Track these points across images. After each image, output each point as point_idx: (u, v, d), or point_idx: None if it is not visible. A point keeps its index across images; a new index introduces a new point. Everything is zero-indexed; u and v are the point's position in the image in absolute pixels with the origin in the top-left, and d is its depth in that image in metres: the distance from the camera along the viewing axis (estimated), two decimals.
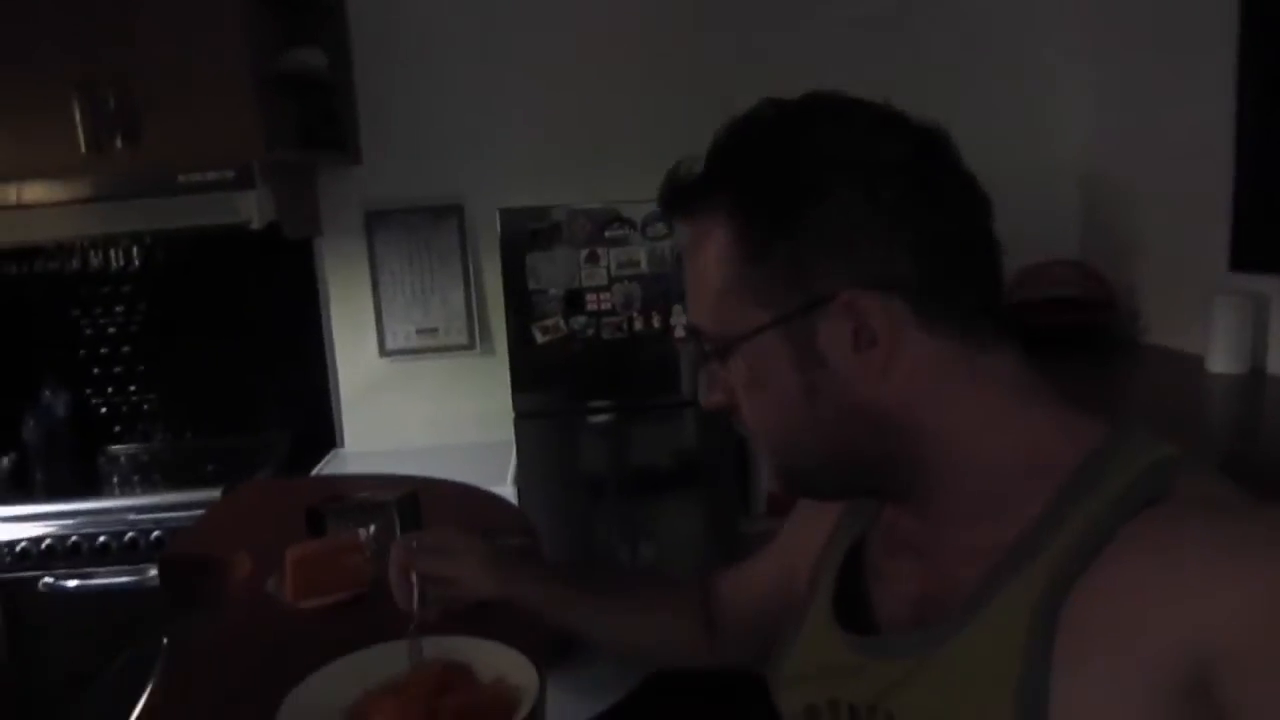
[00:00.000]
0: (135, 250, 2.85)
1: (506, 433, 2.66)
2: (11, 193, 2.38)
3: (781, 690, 0.80)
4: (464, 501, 1.73)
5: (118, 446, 2.98)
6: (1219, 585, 0.51)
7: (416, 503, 1.51)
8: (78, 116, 2.32)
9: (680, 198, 0.71)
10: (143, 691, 1.10)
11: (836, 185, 0.64)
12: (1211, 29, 2.08)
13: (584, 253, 2.53)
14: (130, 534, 2.44)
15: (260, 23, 2.44)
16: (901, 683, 0.66)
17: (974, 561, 0.64)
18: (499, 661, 1.05)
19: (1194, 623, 0.51)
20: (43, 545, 2.42)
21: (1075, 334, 2.44)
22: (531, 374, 2.59)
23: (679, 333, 2.56)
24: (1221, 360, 2.03)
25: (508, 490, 2.53)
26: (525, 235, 2.53)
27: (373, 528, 1.43)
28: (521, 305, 2.56)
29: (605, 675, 2.23)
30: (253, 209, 2.40)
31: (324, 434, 3.00)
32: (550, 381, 2.60)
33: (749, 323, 0.67)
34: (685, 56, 2.77)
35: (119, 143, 2.33)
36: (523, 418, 2.60)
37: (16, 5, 2.33)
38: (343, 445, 3.03)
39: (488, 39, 2.80)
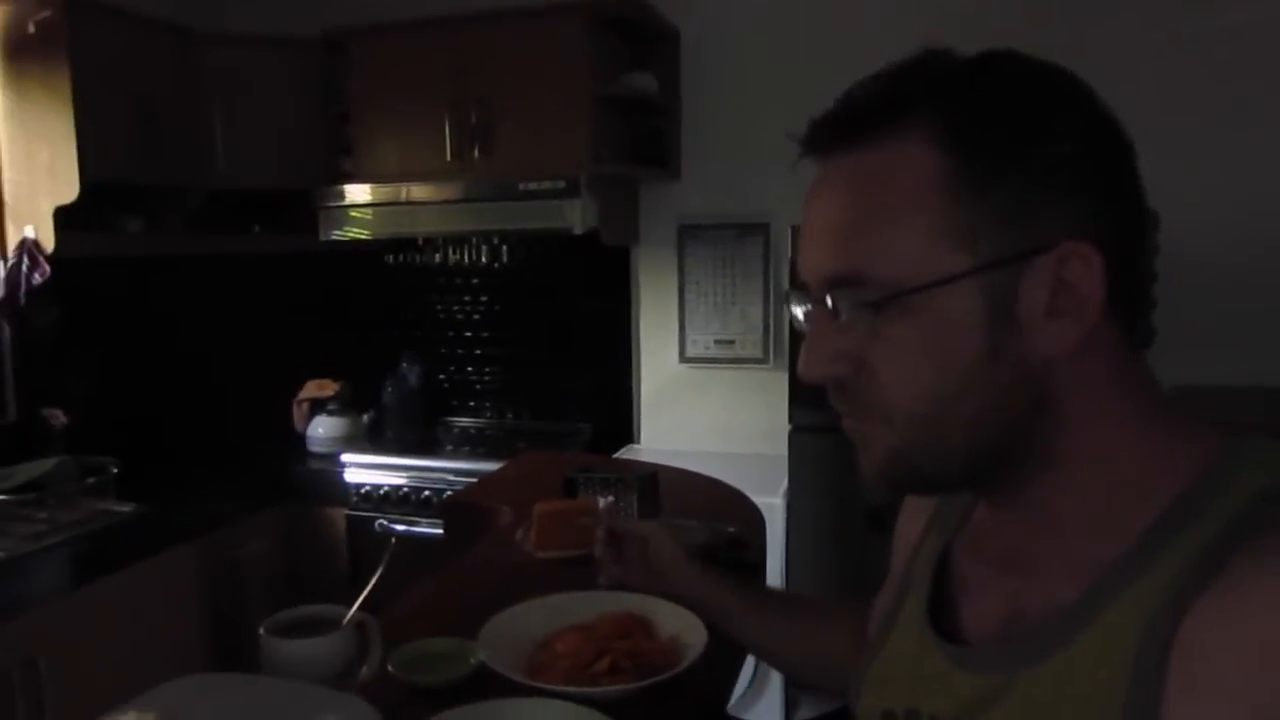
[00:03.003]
0: (485, 249, 3.28)
1: (785, 448, 2.71)
2: (402, 191, 2.86)
3: (862, 692, 0.78)
4: (703, 490, 1.82)
5: (454, 418, 3.43)
6: None
7: (656, 483, 1.63)
8: (447, 129, 2.75)
9: (862, 120, 0.62)
10: None
11: (1056, 132, 0.59)
12: None
13: None
14: (448, 491, 2.81)
15: (601, 49, 2.73)
16: (989, 700, 0.63)
17: (1075, 578, 0.60)
18: (678, 622, 1.14)
19: None
20: (381, 491, 2.86)
21: None
22: (809, 389, 2.60)
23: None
24: None
25: (777, 502, 2.58)
26: None
27: (611, 496, 1.57)
28: None
29: None
30: (576, 216, 2.68)
31: (623, 429, 3.24)
32: (827, 398, 2.60)
33: (943, 268, 0.59)
34: None
35: (476, 153, 2.73)
36: (798, 431, 2.64)
37: (403, 31, 2.83)
38: (638, 442, 3.25)
39: (799, 66, 2.88)
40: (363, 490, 2.88)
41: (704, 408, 3.14)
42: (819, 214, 0.64)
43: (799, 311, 0.69)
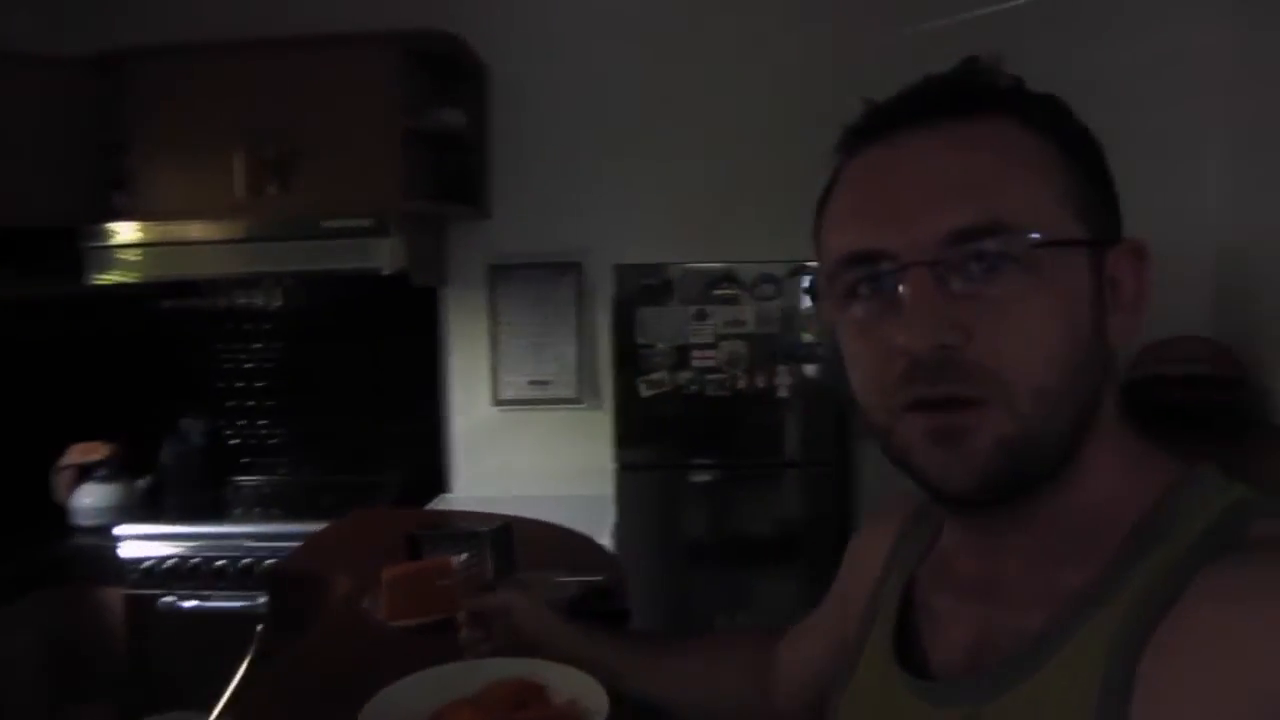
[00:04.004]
0: (277, 291, 3.04)
1: (607, 488, 2.70)
2: (176, 229, 2.60)
3: None
4: (556, 540, 1.76)
5: (244, 477, 3.14)
6: None
7: (510, 536, 1.55)
8: (238, 161, 2.53)
9: (959, 97, 0.62)
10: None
11: (1098, 151, 0.64)
12: None
13: (693, 310, 2.57)
14: (245, 560, 2.56)
15: (409, 84, 2.62)
16: None
17: (1038, 609, 0.60)
18: (573, 685, 1.06)
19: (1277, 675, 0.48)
20: (166, 565, 2.56)
21: (1204, 412, 2.32)
22: (636, 428, 2.62)
23: (783, 392, 2.55)
24: None
25: (606, 543, 2.54)
26: (638, 291, 2.59)
27: (465, 555, 1.47)
28: (629, 359, 2.61)
29: None
30: (385, 256, 2.55)
31: (434, 477, 3.09)
32: (654, 436, 2.62)
33: (1069, 231, 0.59)
34: (802, 124, 2.80)
35: (273, 188, 2.53)
36: (625, 470, 2.63)
37: (193, 54, 2.59)
38: (451, 490, 3.11)
39: (613, 106, 2.92)
40: (143, 565, 2.56)
41: (521, 451, 3.06)
42: (934, 173, 0.60)
43: (866, 290, 0.62)
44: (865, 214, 0.62)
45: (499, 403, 3.05)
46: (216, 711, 0.86)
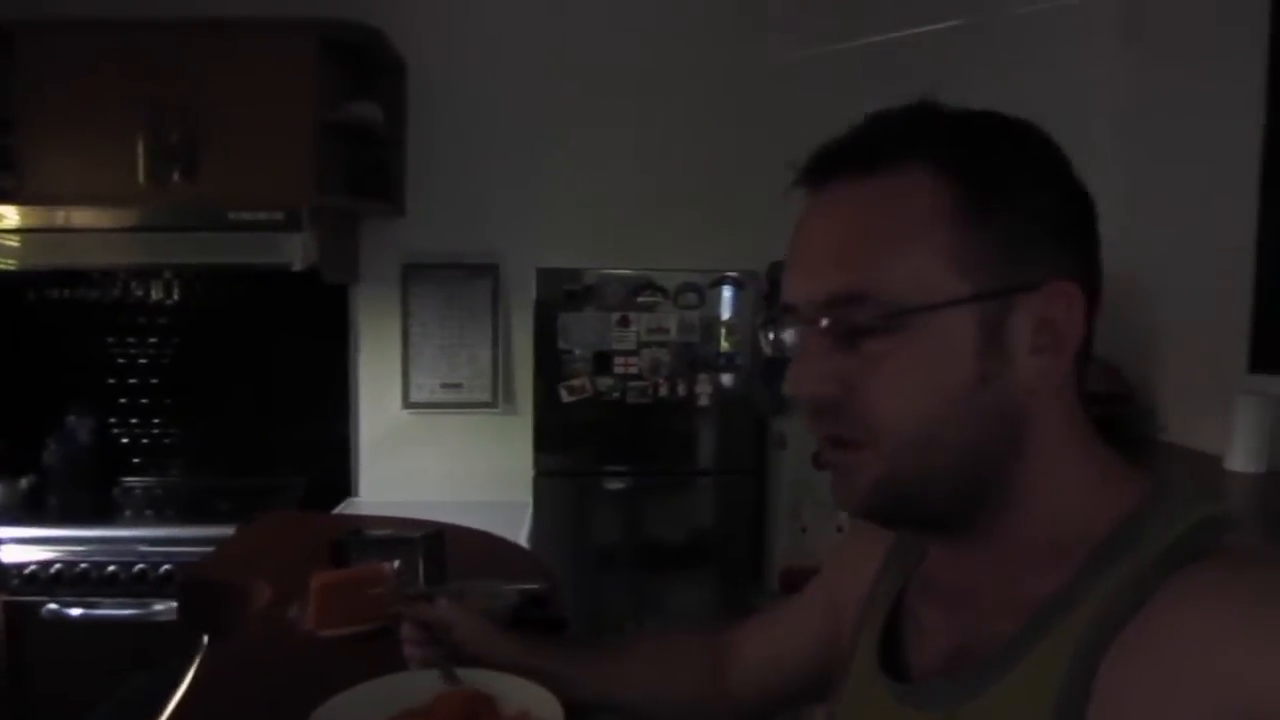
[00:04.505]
0: (175, 284, 2.90)
1: (521, 494, 2.68)
2: (63, 216, 2.44)
3: None
4: (487, 547, 1.73)
5: (135, 478, 2.98)
6: (1268, 642, 0.50)
7: (442, 542, 1.51)
8: (140, 146, 2.40)
9: (870, 149, 0.64)
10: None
11: (1045, 181, 0.64)
12: (1239, 135, 2.15)
13: (615, 316, 2.57)
14: (139, 565, 2.44)
15: (325, 74, 2.54)
16: None
17: (1013, 616, 0.63)
18: (525, 696, 1.04)
19: (1240, 679, 0.50)
20: (51, 570, 2.41)
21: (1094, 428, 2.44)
22: (555, 433, 2.60)
23: (703, 401, 2.58)
24: (1240, 460, 2.03)
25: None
26: (559, 295, 2.58)
27: (397, 562, 1.43)
28: (550, 364, 2.59)
29: None
30: (296, 251, 2.47)
31: (340, 481, 3.00)
32: (572, 442, 2.61)
33: (944, 292, 0.61)
34: (725, 135, 2.85)
35: (176, 176, 2.41)
36: (542, 476, 2.61)
37: (95, 29, 2.45)
38: (358, 494, 3.03)
39: (535, 108, 2.90)
40: (25, 570, 2.41)
41: (431, 455, 3.00)
42: (820, 236, 0.65)
43: (786, 335, 0.69)
44: (787, 270, 0.68)
45: (410, 405, 2.98)
46: None
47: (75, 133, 2.45)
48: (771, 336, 0.70)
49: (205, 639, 1.33)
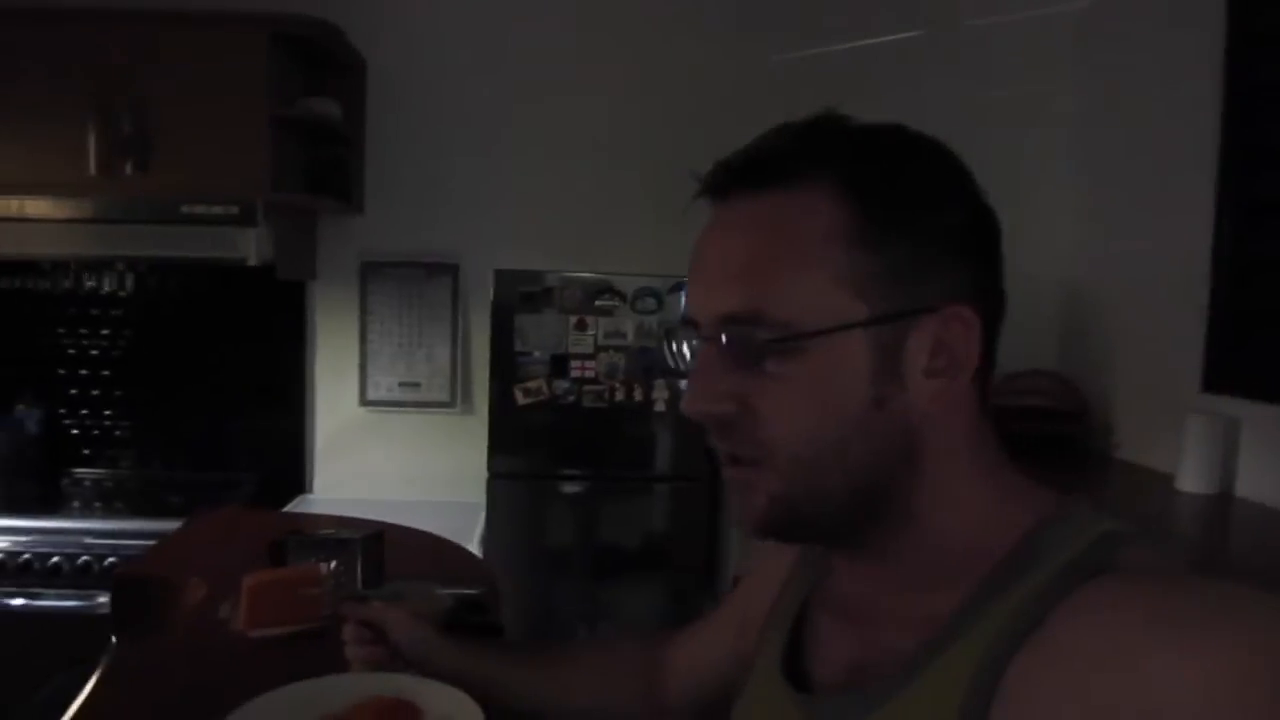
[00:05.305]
0: (128, 276, 2.87)
1: (477, 495, 2.67)
2: (14, 205, 2.41)
3: None
4: (428, 549, 1.72)
5: (84, 470, 2.94)
6: (1162, 656, 0.50)
7: (381, 544, 1.50)
8: (92, 137, 2.36)
9: (769, 166, 0.63)
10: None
11: (947, 201, 0.64)
12: (1192, 155, 2.17)
13: (573, 320, 2.57)
14: (84, 557, 2.40)
15: (282, 69, 2.52)
16: None
17: (911, 632, 0.63)
18: (447, 703, 1.03)
19: (1142, 694, 0.50)
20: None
21: (1046, 444, 2.46)
22: (510, 435, 2.59)
23: (659, 406, 2.58)
24: (1191, 480, 2.05)
25: (473, 550, 2.50)
26: (517, 297, 2.57)
27: (334, 563, 1.42)
28: (506, 366, 2.58)
29: None
30: (251, 247, 2.44)
31: (293, 477, 2.98)
32: (527, 445, 2.60)
33: (839, 315, 0.61)
34: (688, 140, 2.84)
35: (129, 168, 2.37)
36: (496, 478, 2.59)
37: (44, 17, 2.41)
38: (311, 491, 3.00)
39: (495, 107, 2.89)
40: None
41: (387, 454, 2.98)
42: (718, 252, 0.65)
43: (687, 349, 0.69)
44: (689, 283, 0.67)
45: (366, 403, 2.96)
46: None
47: (25, 122, 2.41)
48: (674, 349, 0.71)
49: (113, 639, 1.31)
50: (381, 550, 1.49)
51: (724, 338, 0.63)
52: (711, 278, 0.65)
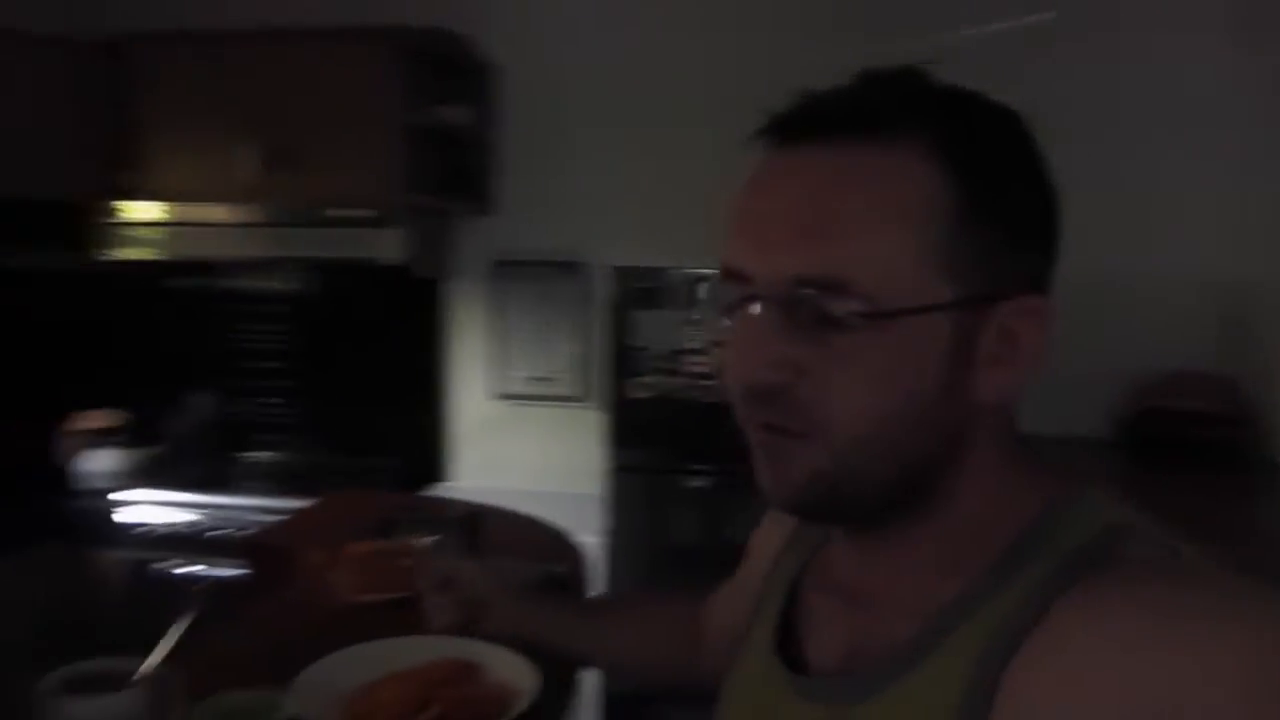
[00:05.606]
0: (288, 275, 3.12)
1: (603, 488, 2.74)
2: (195, 211, 2.70)
3: (721, 708, 0.79)
4: (523, 530, 1.80)
5: (250, 453, 3.21)
6: (1166, 653, 0.50)
7: (476, 523, 1.60)
8: (246, 149, 2.62)
9: (863, 112, 0.58)
10: None
11: (1038, 182, 0.60)
12: None
13: (688, 315, 2.60)
14: (247, 530, 2.63)
15: (416, 80, 2.68)
16: None
17: (910, 618, 0.62)
18: (509, 667, 1.11)
19: (1144, 690, 0.49)
20: (169, 531, 2.64)
21: (1205, 450, 2.30)
22: (628, 429, 2.65)
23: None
24: None
25: (595, 542, 2.57)
26: (634, 293, 2.63)
27: (429, 539, 1.52)
28: (624, 361, 2.64)
29: None
30: (387, 247, 2.62)
31: (434, 466, 3.15)
32: (646, 439, 2.65)
33: (927, 294, 0.56)
34: None
35: (279, 176, 2.61)
36: (615, 471, 2.65)
37: (198, 44, 2.69)
38: (450, 479, 3.16)
39: (619, 110, 2.95)
40: (145, 530, 2.64)
41: (519, 445, 3.10)
42: (790, 204, 0.59)
43: (725, 311, 0.63)
44: (743, 231, 0.61)
45: (500, 397, 3.10)
46: (150, 662, 0.91)
47: (185, 136, 2.70)
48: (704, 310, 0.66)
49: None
50: (476, 528, 1.58)
51: (792, 302, 0.58)
52: (779, 232, 0.59)
